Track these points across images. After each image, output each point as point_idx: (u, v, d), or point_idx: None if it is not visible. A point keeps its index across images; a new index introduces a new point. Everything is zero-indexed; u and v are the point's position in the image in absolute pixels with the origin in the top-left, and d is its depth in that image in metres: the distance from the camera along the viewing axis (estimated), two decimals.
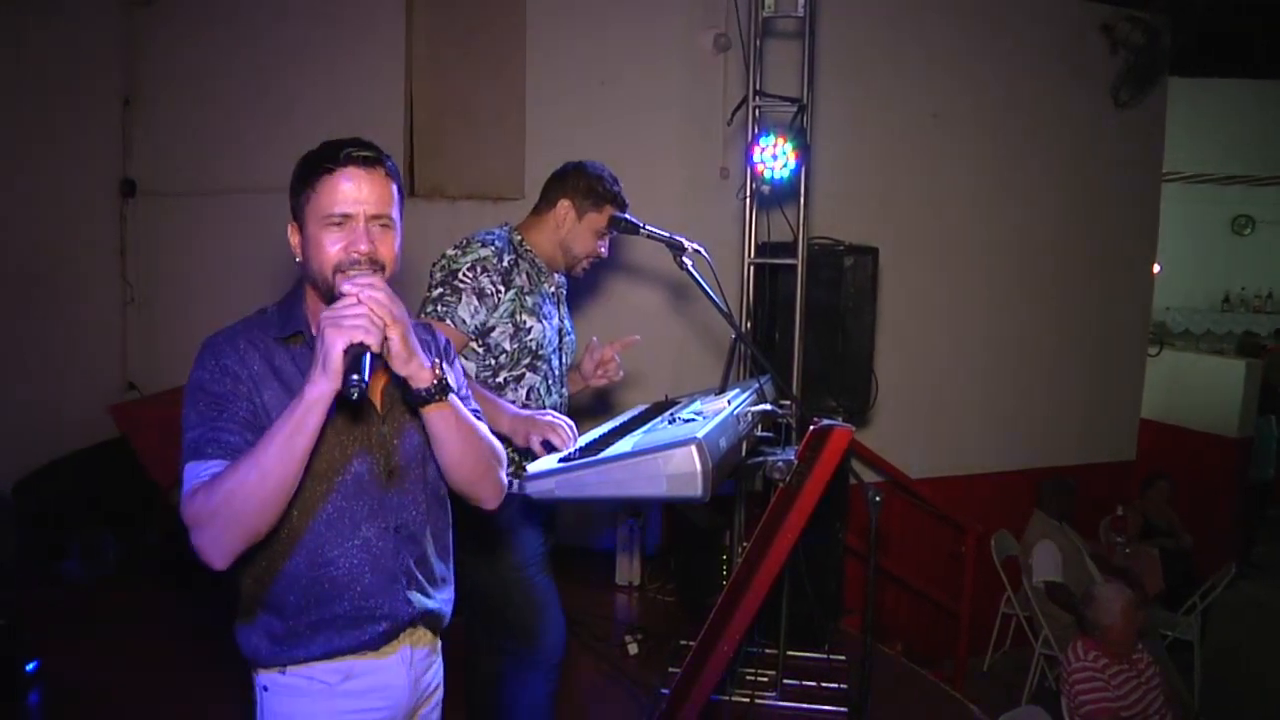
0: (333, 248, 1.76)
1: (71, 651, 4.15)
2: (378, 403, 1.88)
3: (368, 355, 1.60)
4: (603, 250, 3.00)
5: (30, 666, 3.82)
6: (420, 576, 1.93)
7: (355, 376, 1.57)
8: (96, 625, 4.49)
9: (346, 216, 1.76)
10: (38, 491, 4.90)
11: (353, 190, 1.76)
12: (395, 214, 1.82)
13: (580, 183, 2.95)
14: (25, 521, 4.79)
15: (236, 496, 1.59)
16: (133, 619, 4.59)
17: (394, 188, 1.83)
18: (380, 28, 5.71)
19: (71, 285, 5.50)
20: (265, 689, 1.84)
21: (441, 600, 1.99)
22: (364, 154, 1.78)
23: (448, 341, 2.12)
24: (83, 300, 5.60)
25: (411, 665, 1.93)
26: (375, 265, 1.76)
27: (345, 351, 1.58)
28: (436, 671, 2.04)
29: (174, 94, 5.71)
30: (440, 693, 2.07)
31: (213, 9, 5.69)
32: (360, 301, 1.62)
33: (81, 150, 5.56)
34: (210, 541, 1.61)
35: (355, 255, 1.75)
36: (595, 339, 3.08)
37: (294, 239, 1.84)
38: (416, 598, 1.91)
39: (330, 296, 1.75)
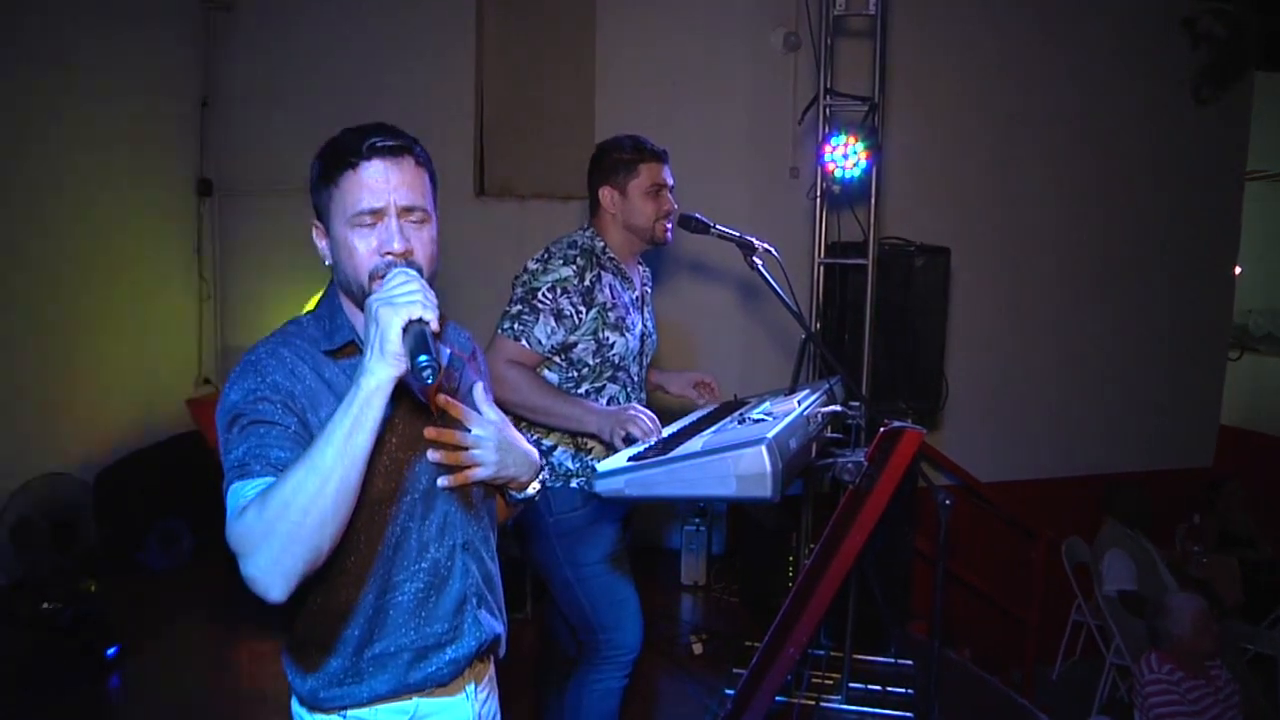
0: (364, 250, 1.58)
1: (150, 637, 4.26)
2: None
3: (429, 332, 1.42)
4: (669, 205, 2.96)
5: (110, 651, 3.95)
6: (488, 595, 1.79)
7: (425, 358, 1.38)
8: (173, 612, 4.61)
9: (375, 212, 1.57)
10: (118, 482, 5.02)
11: (380, 182, 1.57)
12: (430, 206, 1.64)
13: (604, 164, 2.95)
14: (106, 511, 4.92)
15: (294, 508, 1.37)
16: (207, 606, 4.71)
17: (426, 177, 1.64)
18: (451, 28, 5.78)
19: (150, 282, 5.64)
20: None
21: (503, 620, 1.85)
22: (390, 143, 1.59)
23: (475, 348, 1.96)
24: (161, 297, 5.74)
25: (474, 700, 1.79)
26: (412, 268, 1.55)
27: (405, 330, 1.40)
28: (493, 698, 1.89)
29: (250, 96, 5.83)
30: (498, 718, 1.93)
31: (287, 13, 5.80)
32: (410, 279, 1.47)
33: (160, 150, 5.70)
34: (266, 567, 1.37)
35: (389, 257, 1.56)
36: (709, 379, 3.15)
37: (320, 242, 1.68)
38: (485, 619, 1.77)
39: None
